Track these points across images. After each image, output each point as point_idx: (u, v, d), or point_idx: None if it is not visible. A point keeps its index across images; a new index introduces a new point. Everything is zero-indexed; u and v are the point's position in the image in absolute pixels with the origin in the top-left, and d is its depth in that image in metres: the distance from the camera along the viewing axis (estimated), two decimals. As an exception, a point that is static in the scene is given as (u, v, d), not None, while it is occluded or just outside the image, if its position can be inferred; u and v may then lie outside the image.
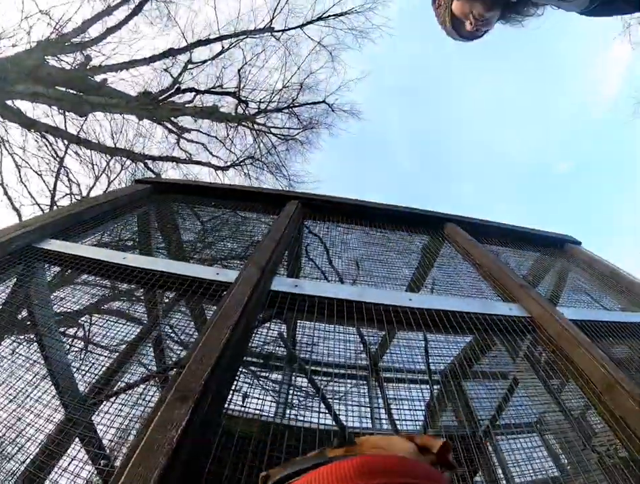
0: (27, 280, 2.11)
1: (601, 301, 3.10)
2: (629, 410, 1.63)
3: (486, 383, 2.20)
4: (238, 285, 1.87)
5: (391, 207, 3.55)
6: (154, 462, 1.07)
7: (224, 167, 16.27)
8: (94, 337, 1.93)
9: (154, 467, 1.06)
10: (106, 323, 1.93)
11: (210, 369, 1.35)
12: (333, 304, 2.01)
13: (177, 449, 1.11)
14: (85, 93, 11.54)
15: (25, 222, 2.47)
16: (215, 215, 3.46)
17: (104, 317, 2.01)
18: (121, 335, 1.88)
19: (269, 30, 15.24)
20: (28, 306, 2.07)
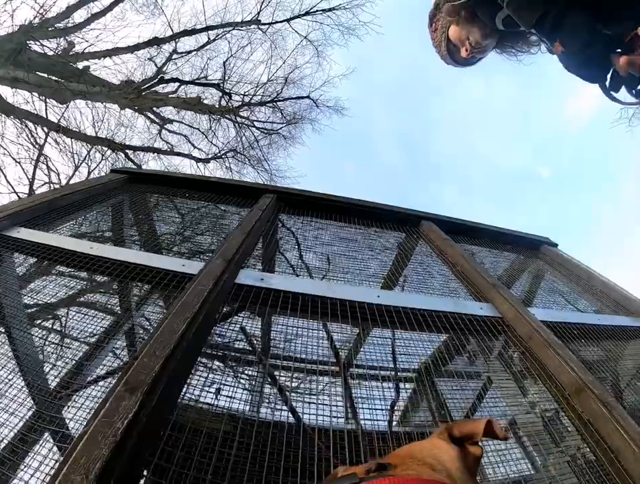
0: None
1: (575, 303, 3.12)
2: (598, 414, 1.62)
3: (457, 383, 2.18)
4: (201, 277, 1.83)
5: (367, 203, 3.52)
6: (97, 454, 1.03)
7: (206, 160, 16.17)
8: (65, 329, 1.89)
9: (97, 459, 1.02)
10: (77, 315, 1.89)
11: (162, 362, 1.31)
12: (298, 299, 1.97)
13: (122, 441, 1.08)
14: (67, 80, 11.31)
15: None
16: (193, 208, 3.41)
17: (76, 309, 1.97)
18: (92, 327, 1.85)
19: (256, 23, 15.14)
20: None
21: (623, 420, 1.56)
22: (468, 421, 0.82)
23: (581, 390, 1.71)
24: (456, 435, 0.78)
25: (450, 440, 0.78)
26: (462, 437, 0.78)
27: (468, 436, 0.78)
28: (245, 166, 16.87)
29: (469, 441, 0.77)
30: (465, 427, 0.79)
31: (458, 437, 0.78)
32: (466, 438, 0.78)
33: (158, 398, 1.24)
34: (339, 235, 3.19)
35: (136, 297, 2.28)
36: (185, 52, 14.83)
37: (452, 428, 0.80)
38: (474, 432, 0.77)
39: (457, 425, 0.80)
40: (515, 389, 2.02)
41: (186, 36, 14.52)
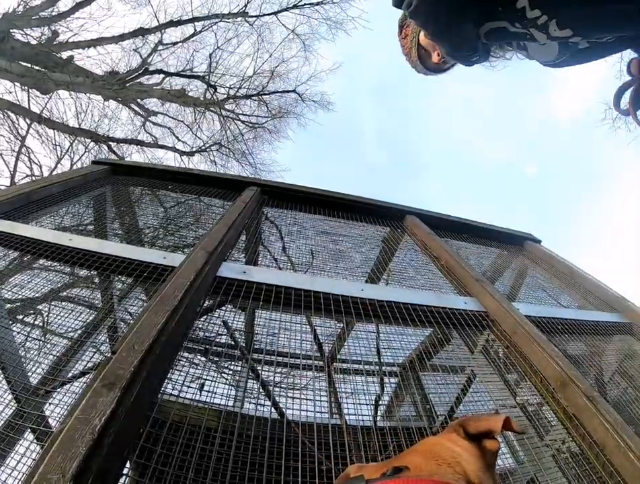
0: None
1: (558, 298, 3.15)
2: (582, 408, 1.64)
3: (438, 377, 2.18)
4: (182, 269, 1.80)
5: (352, 197, 3.53)
6: (74, 452, 1.00)
7: (190, 153, 16.02)
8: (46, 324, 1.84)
9: (74, 457, 0.99)
10: (59, 310, 1.85)
11: (141, 356, 1.28)
12: (281, 292, 1.95)
13: (100, 439, 1.05)
14: (50, 70, 11.14)
15: (-28, 200, 2.37)
16: (177, 201, 3.37)
17: (57, 303, 1.93)
18: (74, 322, 1.80)
19: (243, 15, 15.00)
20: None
21: (608, 414, 1.57)
22: (483, 418, 0.80)
23: (566, 384, 1.72)
24: (471, 432, 0.77)
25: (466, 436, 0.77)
26: (479, 434, 0.76)
27: (485, 432, 0.76)
28: (229, 159, 16.79)
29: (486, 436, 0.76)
30: (482, 424, 0.77)
31: (474, 433, 0.76)
32: (483, 435, 0.76)
33: (137, 394, 1.22)
34: (323, 229, 3.18)
35: (118, 291, 2.24)
36: (170, 44, 14.64)
37: (467, 424, 0.78)
38: (493, 429, 0.75)
39: (472, 421, 0.78)
40: (499, 383, 2.02)
41: (172, 27, 14.33)
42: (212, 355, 1.78)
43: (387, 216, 3.49)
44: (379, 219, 3.44)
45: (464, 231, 3.69)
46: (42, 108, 11.77)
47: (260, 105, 16.72)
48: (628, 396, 2.22)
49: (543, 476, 1.59)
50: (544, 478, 1.58)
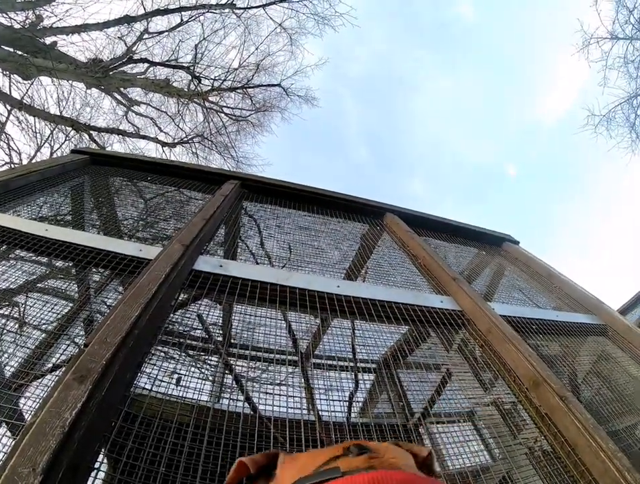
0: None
1: (534, 299, 3.18)
2: (555, 407, 1.66)
3: (414, 375, 2.20)
4: (157, 262, 1.79)
5: (331, 193, 3.53)
6: (45, 445, 1.01)
7: (172, 144, 15.92)
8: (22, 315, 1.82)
9: (45, 451, 1.00)
10: (34, 302, 1.83)
11: (113, 349, 1.28)
12: (256, 287, 1.95)
13: (70, 432, 1.05)
14: (32, 55, 10.95)
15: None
16: (156, 192, 3.34)
17: (32, 295, 1.90)
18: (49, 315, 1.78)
19: (231, 7, 14.91)
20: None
21: (580, 413, 1.60)
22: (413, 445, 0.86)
23: (539, 383, 1.75)
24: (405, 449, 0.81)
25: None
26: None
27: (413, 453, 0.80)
28: (211, 152, 16.76)
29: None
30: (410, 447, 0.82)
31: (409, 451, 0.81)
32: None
33: (108, 387, 1.21)
34: (302, 224, 3.18)
35: (94, 283, 2.21)
36: (156, 33, 14.47)
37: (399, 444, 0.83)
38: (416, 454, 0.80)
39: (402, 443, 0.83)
40: (474, 381, 2.04)
41: (158, 16, 14.16)
42: (187, 349, 1.78)
43: (367, 213, 3.51)
44: (358, 216, 3.46)
45: (443, 230, 3.73)
46: (23, 94, 11.57)
47: (244, 98, 16.70)
48: (601, 397, 2.26)
49: (516, 474, 1.62)
50: (517, 476, 1.61)
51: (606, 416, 2.07)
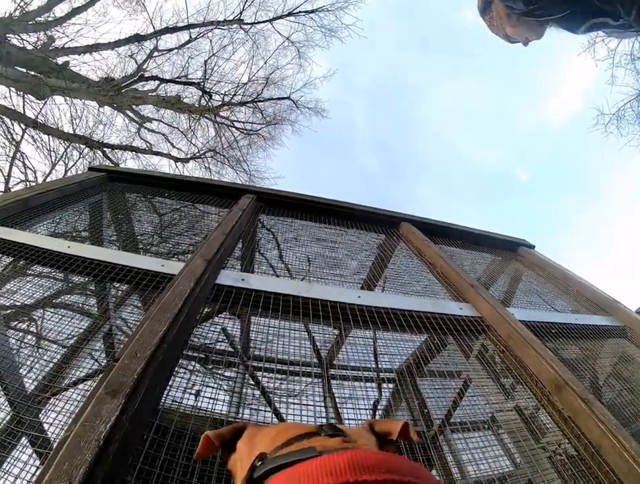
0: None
1: (552, 303, 3.17)
2: (578, 410, 1.66)
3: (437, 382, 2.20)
4: (181, 277, 1.82)
5: (347, 205, 3.55)
6: (81, 459, 1.02)
7: (185, 159, 16.04)
8: (43, 331, 1.85)
9: (80, 464, 1.01)
10: (55, 317, 1.85)
11: (144, 363, 1.30)
12: (279, 299, 1.98)
13: (105, 445, 1.07)
14: (46, 76, 11.11)
15: (-31, 207, 2.38)
16: (173, 207, 3.39)
17: (54, 310, 1.93)
18: (71, 329, 1.80)
19: (239, 22, 15.05)
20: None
21: (603, 415, 1.60)
22: (387, 421, 0.87)
23: (561, 387, 1.74)
24: (376, 431, 0.83)
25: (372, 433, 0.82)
26: (381, 434, 0.82)
27: (385, 433, 0.82)
28: (224, 166, 16.87)
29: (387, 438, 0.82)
30: (384, 425, 0.83)
31: (377, 433, 0.82)
32: (384, 435, 0.82)
33: (140, 401, 1.23)
34: (319, 236, 3.19)
35: (114, 298, 2.24)
36: (166, 50, 14.69)
37: (373, 424, 0.84)
38: (391, 431, 0.81)
39: (377, 422, 0.84)
40: (495, 387, 2.04)
41: (168, 34, 14.38)
42: (213, 362, 1.80)
43: (382, 223, 3.52)
44: (374, 226, 3.47)
45: (459, 237, 3.72)
46: (37, 113, 11.72)
47: (255, 112, 16.80)
48: (622, 399, 2.25)
49: (540, 478, 1.61)
50: (541, 479, 1.61)
51: (628, 417, 2.07)
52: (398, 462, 0.57)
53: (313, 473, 0.53)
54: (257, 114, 16.86)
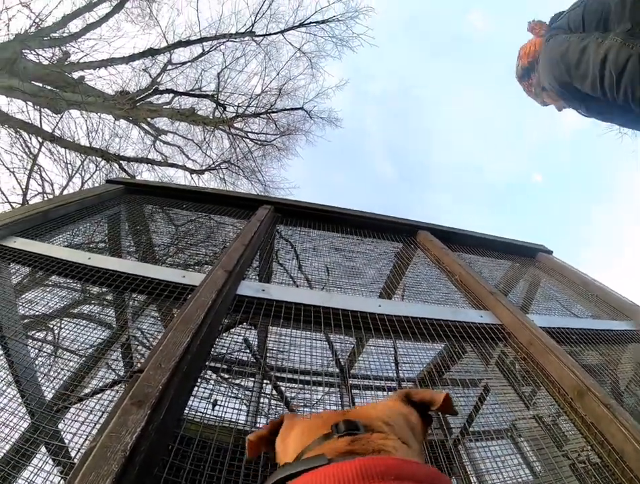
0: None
1: (572, 309, 3.14)
2: (600, 416, 1.64)
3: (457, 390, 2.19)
4: (203, 288, 1.83)
5: (364, 214, 3.56)
6: (107, 469, 1.02)
7: (200, 171, 16.18)
8: (62, 340, 1.87)
9: (107, 475, 1.01)
10: (74, 326, 1.86)
11: (168, 374, 1.31)
12: (300, 310, 1.98)
13: (132, 456, 1.07)
14: (62, 90, 11.28)
15: (-10, 218, 2.42)
16: (190, 219, 3.41)
17: (72, 320, 1.95)
18: (89, 339, 1.81)
19: (250, 34, 15.22)
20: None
21: (626, 420, 1.58)
22: (426, 390, 0.86)
23: (583, 393, 1.72)
24: (414, 400, 0.82)
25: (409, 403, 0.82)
26: (420, 403, 0.81)
27: (426, 403, 0.81)
28: (239, 177, 16.98)
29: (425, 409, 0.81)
30: (425, 394, 0.83)
31: (416, 402, 0.82)
32: (423, 405, 0.81)
33: (165, 411, 1.24)
34: (337, 245, 3.20)
35: (131, 308, 2.26)
36: (179, 63, 14.88)
37: (410, 393, 0.84)
38: (433, 401, 0.80)
39: (415, 391, 0.84)
40: (515, 395, 2.02)
41: (181, 47, 14.55)
42: (234, 373, 1.81)
43: (399, 231, 3.52)
44: (391, 235, 3.47)
45: (476, 244, 3.71)
46: (54, 127, 11.90)
47: (268, 123, 16.93)
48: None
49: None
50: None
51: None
52: (412, 468, 0.56)
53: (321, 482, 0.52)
54: (270, 125, 17.00)
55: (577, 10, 2.03)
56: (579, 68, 1.87)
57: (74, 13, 11.95)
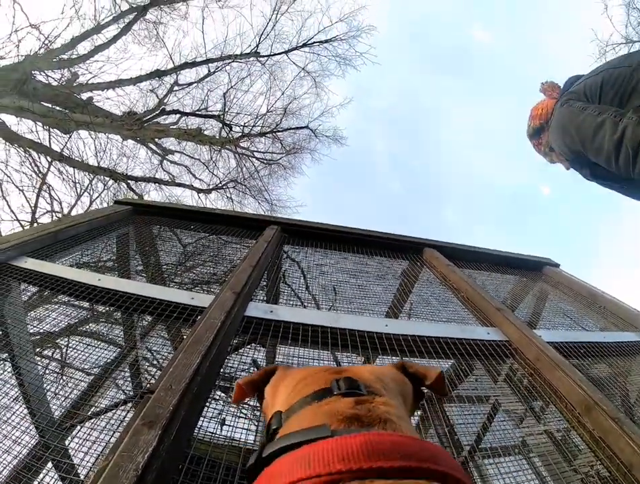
0: (2, 299, 2.09)
1: (580, 322, 3.12)
2: (608, 430, 1.64)
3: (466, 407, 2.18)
4: (211, 310, 1.86)
5: (370, 232, 3.59)
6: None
7: (207, 190, 16.29)
8: (70, 359, 1.89)
9: (119, 494, 1.02)
10: (82, 345, 1.88)
11: (179, 395, 1.33)
12: (307, 330, 2.00)
13: (143, 475, 1.09)
14: (71, 111, 11.42)
15: (1, 238, 2.46)
16: (197, 237, 3.45)
17: (81, 339, 1.97)
18: (97, 358, 1.84)
19: (255, 55, 15.45)
20: (2, 325, 2.03)
21: (633, 433, 1.57)
22: (421, 365, 0.86)
23: (591, 408, 1.72)
24: (409, 372, 0.83)
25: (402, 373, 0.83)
26: (414, 375, 0.82)
27: (419, 377, 0.82)
28: (245, 196, 17.09)
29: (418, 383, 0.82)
30: (419, 368, 0.84)
31: (411, 374, 0.83)
32: (416, 378, 0.82)
33: (176, 432, 1.26)
34: (343, 264, 3.22)
35: (140, 328, 2.28)
36: (186, 84, 15.14)
37: (406, 365, 0.85)
38: (426, 375, 0.81)
39: (411, 364, 0.85)
40: (524, 411, 2.02)
41: (187, 68, 14.80)
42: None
43: (405, 249, 3.54)
44: (397, 253, 3.49)
45: (483, 260, 3.72)
46: (63, 147, 12.00)
47: (274, 142, 17.12)
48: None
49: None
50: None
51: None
52: (417, 446, 0.52)
53: (325, 457, 0.48)
54: (276, 144, 17.18)
55: (595, 78, 2.08)
56: (594, 141, 1.94)
57: (82, 35, 12.16)
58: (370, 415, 0.62)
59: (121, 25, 13.10)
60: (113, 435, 1.42)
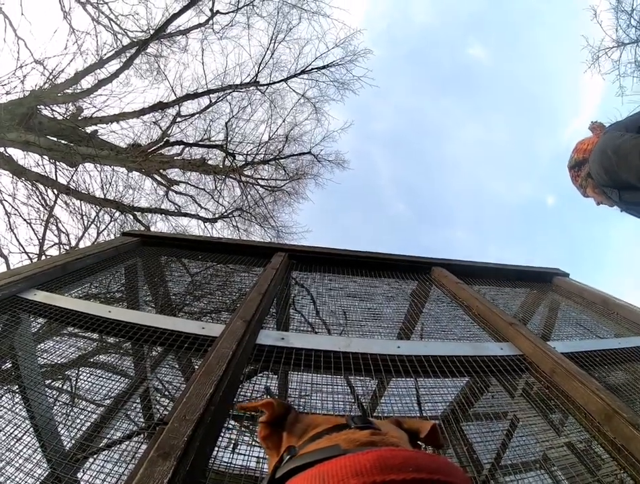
0: (12, 331, 2.10)
1: (594, 330, 3.09)
2: (630, 437, 1.61)
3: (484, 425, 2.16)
4: (223, 339, 1.85)
5: (376, 254, 3.60)
6: (135, 520, 1.02)
7: (213, 219, 16.42)
8: (80, 390, 1.89)
9: (135, 525, 1.01)
10: (93, 377, 1.88)
11: (193, 426, 1.33)
12: (320, 356, 1.99)
13: (159, 506, 1.08)
14: (76, 144, 11.53)
15: (11, 271, 2.48)
16: (205, 266, 3.46)
17: (91, 371, 1.97)
18: (107, 389, 1.84)
19: (255, 84, 15.70)
20: (12, 358, 2.03)
21: (656, 439, 1.56)
22: (414, 419, 0.87)
23: (611, 416, 1.70)
24: (404, 428, 0.82)
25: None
26: (408, 430, 0.81)
27: (414, 431, 0.81)
28: (251, 224, 17.19)
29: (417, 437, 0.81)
30: (412, 423, 0.83)
31: (406, 430, 0.81)
32: (411, 433, 0.81)
33: (191, 462, 1.25)
34: (352, 288, 3.23)
35: (151, 359, 2.28)
36: (188, 115, 15.35)
37: (400, 421, 0.84)
38: (420, 429, 0.81)
39: (404, 419, 0.85)
40: (543, 425, 2.00)
41: (189, 100, 15.03)
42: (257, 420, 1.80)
43: (413, 269, 3.54)
44: (406, 273, 3.49)
45: (491, 275, 3.71)
46: (69, 180, 12.12)
47: (278, 169, 17.27)
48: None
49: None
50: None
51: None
52: (427, 460, 0.54)
53: (338, 473, 0.50)
54: (280, 171, 17.33)
55: (635, 116, 2.33)
56: (628, 159, 2.10)
57: (86, 69, 12.36)
58: (384, 440, 0.65)
59: (123, 59, 13.32)
60: (127, 468, 1.42)
